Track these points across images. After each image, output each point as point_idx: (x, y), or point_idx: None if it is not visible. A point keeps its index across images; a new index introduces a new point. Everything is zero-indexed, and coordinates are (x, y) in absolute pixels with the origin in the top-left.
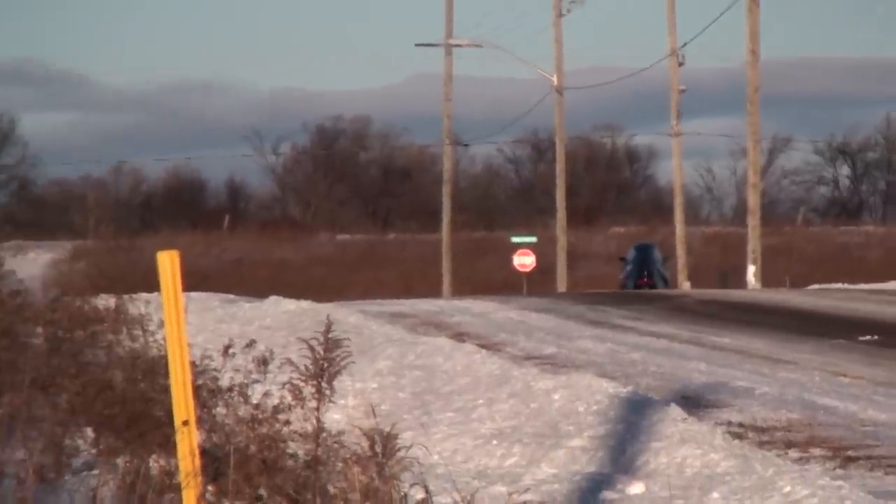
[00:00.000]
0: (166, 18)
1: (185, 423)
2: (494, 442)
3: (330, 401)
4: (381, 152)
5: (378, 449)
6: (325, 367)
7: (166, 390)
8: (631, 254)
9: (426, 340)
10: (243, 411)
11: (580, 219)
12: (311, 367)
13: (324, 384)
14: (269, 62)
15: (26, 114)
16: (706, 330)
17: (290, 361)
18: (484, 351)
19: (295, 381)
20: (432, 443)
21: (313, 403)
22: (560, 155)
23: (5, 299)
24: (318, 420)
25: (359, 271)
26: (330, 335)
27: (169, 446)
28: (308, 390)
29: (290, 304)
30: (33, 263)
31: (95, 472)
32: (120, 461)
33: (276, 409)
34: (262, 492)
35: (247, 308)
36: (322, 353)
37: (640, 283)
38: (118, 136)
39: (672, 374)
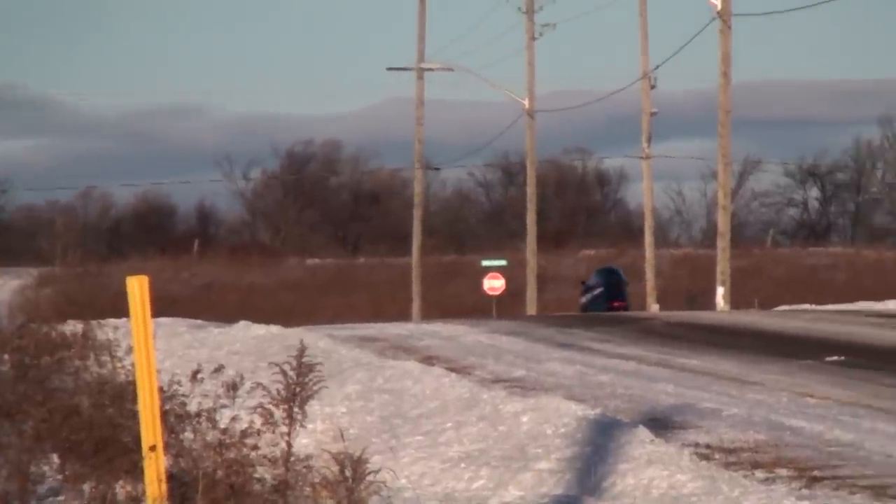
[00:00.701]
0: (139, 44)
1: (153, 448)
2: (462, 465)
3: (301, 425)
4: (351, 177)
5: (348, 473)
6: (297, 391)
7: (134, 416)
8: (594, 278)
9: (395, 364)
10: (211, 436)
11: (550, 242)
12: (282, 391)
13: (295, 408)
14: (242, 87)
15: None
16: (675, 352)
17: (261, 386)
18: (453, 374)
19: (266, 406)
20: (400, 466)
21: (284, 428)
22: (531, 178)
23: None
24: (289, 444)
25: (328, 296)
26: (301, 360)
27: (136, 472)
28: (279, 414)
29: (259, 329)
30: (0, 290)
31: (61, 498)
32: (86, 487)
33: (244, 434)
34: None
35: (215, 333)
36: (294, 377)
37: (614, 306)
38: (88, 162)
39: (640, 397)
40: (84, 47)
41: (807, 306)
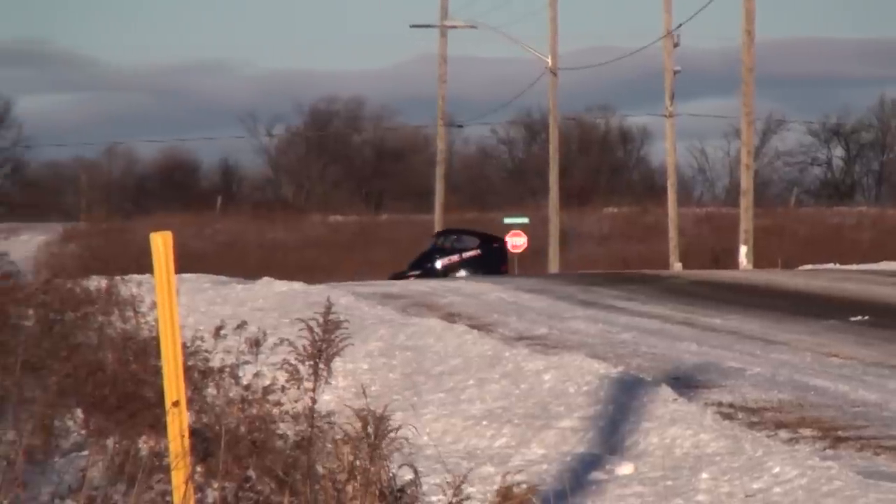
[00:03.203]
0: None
1: (176, 403)
2: (484, 423)
3: (327, 381)
4: (374, 134)
5: (371, 430)
6: (323, 347)
7: (157, 371)
8: (458, 240)
9: (417, 321)
10: (234, 392)
11: (573, 200)
12: (308, 347)
13: (321, 365)
14: (267, 43)
15: (23, 95)
16: (698, 311)
17: (287, 342)
18: (475, 331)
19: (292, 362)
20: (422, 423)
21: (309, 384)
22: (553, 136)
23: None
24: (314, 401)
25: (351, 252)
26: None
27: (159, 427)
28: (305, 371)
29: (281, 286)
30: (26, 245)
31: (85, 452)
32: (109, 442)
33: (267, 390)
34: (251, 472)
35: (239, 289)
36: (321, 333)
37: (503, 270)
38: (113, 117)
39: (663, 355)
40: (111, 2)
41: (831, 266)
